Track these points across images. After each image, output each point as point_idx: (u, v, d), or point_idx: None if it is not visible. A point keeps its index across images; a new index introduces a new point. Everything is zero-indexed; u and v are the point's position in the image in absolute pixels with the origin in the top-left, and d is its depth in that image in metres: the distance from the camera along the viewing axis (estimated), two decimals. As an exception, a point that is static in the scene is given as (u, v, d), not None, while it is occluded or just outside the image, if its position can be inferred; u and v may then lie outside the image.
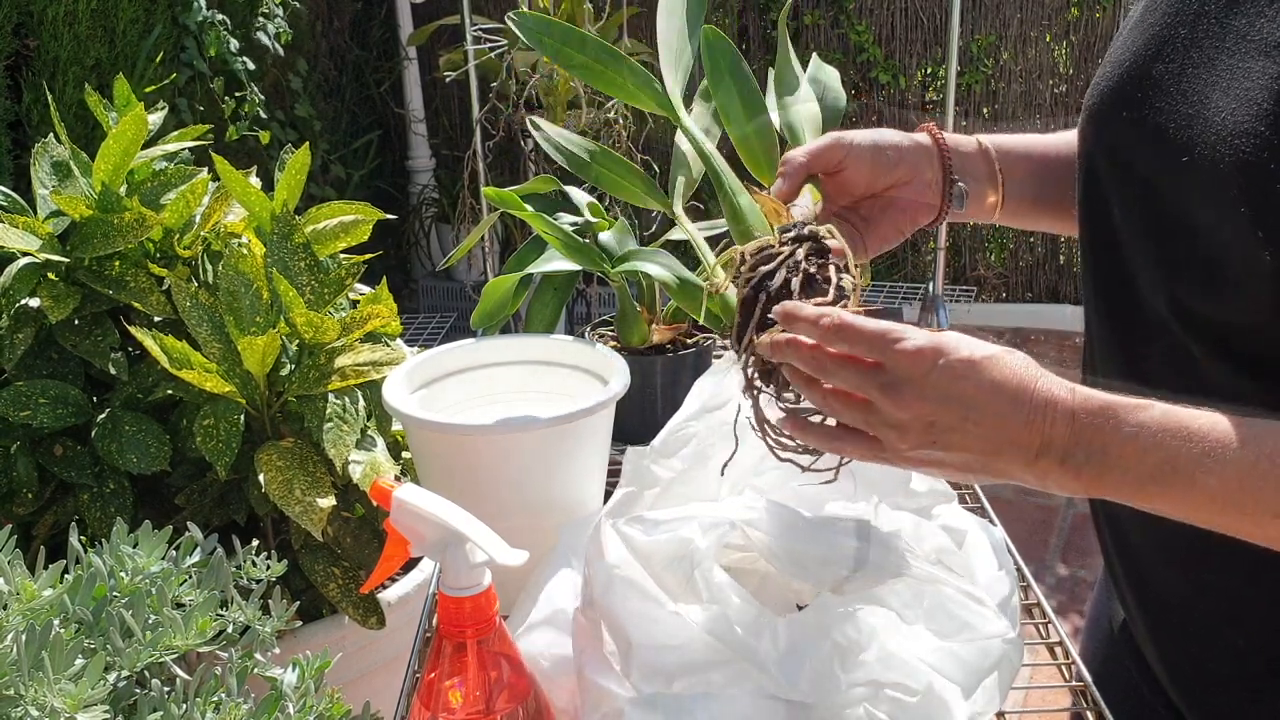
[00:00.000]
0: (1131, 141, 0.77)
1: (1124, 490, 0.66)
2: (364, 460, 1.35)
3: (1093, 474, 0.66)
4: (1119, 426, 0.65)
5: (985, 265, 4.26)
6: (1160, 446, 0.65)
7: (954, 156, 0.89)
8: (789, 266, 0.74)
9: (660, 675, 0.71)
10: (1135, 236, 0.77)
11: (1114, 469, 0.65)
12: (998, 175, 0.91)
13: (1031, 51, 3.99)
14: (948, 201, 0.88)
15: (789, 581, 0.81)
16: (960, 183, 0.88)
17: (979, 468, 0.68)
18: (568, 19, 2.91)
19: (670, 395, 1.17)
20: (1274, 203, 0.65)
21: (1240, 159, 0.66)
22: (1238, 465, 0.64)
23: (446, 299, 4.22)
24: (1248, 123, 0.66)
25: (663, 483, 0.88)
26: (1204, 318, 0.72)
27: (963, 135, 0.92)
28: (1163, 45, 0.75)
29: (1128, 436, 0.65)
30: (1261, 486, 0.63)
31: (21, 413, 1.29)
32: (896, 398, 0.66)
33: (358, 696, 0.92)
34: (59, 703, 0.67)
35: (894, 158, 0.87)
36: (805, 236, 0.76)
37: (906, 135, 0.88)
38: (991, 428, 0.66)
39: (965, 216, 0.92)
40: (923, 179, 0.88)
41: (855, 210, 0.89)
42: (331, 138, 3.82)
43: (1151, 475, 0.65)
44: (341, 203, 1.51)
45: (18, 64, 2.44)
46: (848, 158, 0.86)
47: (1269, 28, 0.67)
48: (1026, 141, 0.95)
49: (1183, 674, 0.86)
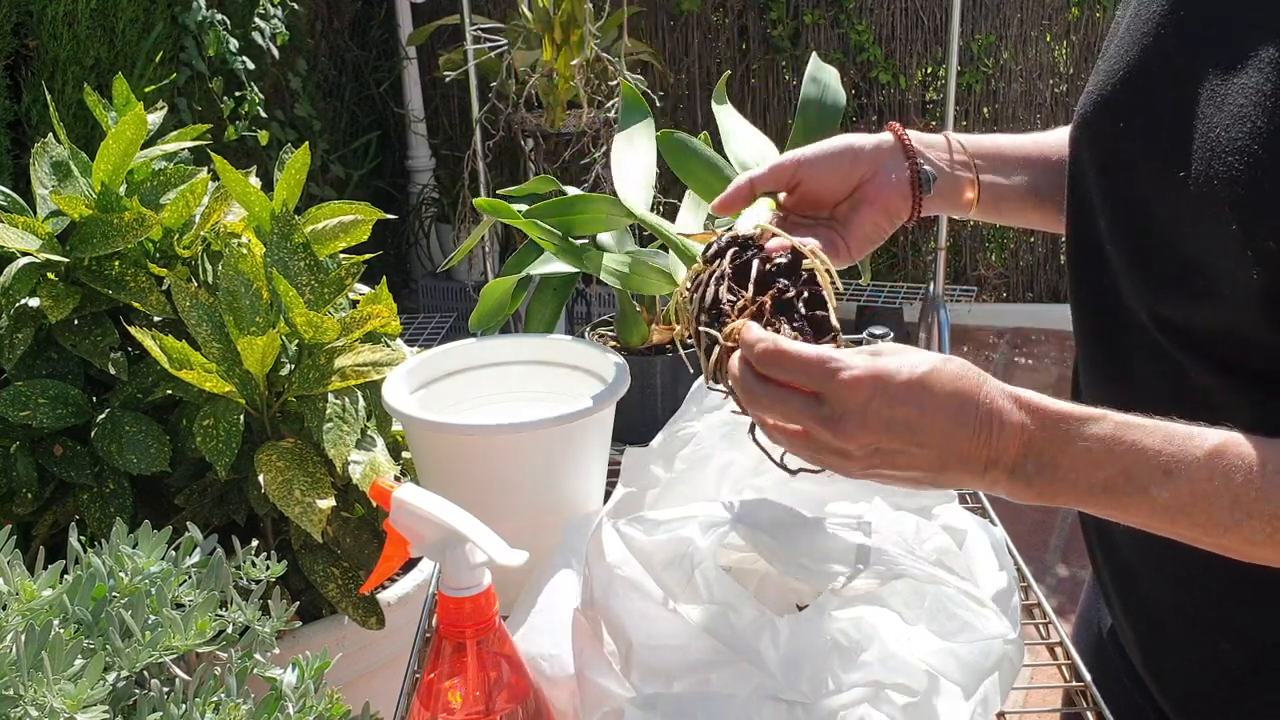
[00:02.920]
0: (1122, 152, 0.77)
1: (1075, 500, 0.67)
2: (364, 460, 1.34)
3: (1044, 484, 0.66)
4: (1071, 440, 0.66)
5: (985, 265, 4.26)
6: (1114, 460, 0.65)
7: (920, 148, 0.89)
8: (715, 280, 0.74)
9: (660, 675, 0.71)
10: (1119, 247, 0.77)
11: (1065, 481, 0.66)
12: (972, 166, 0.91)
13: (1032, 51, 3.99)
14: (918, 189, 0.88)
15: (789, 581, 0.80)
16: (926, 167, 0.88)
17: (929, 482, 0.68)
18: (568, 18, 2.91)
19: (670, 395, 1.17)
20: (1266, 220, 0.64)
21: (1232, 175, 0.66)
22: (1190, 480, 0.65)
23: (446, 299, 4.22)
24: (1240, 139, 0.66)
25: (663, 483, 0.88)
26: (1185, 328, 0.73)
27: (932, 134, 0.92)
28: (1156, 56, 0.75)
29: (1080, 451, 0.65)
30: (1213, 501, 0.64)
31: (21, 413, 1.29)
32: (838, 429, 0.65)
33: (357, 696, 0.92)
34: (59, 703, 0.67)
35: (851, 159, 0.87)
36: (725, 246, 0.75)
37: (866, 136, 0.89)
38: (938, 447, 0.66)
39: (946, 209, 0.92)
40: (886, 171, 0.88)
41: (831, 216, 0.89)
42: (331, 137, 3.82)
43: (1104, 487, 0.66)
44: (341, 202, 1.51)
45: (17, 64, 2.44)
46: (799, 170, 0.86)
47: (1263, 42, 0.67)
48: (1000, 139, 0.95)
49: (1169, 679, 0.86)
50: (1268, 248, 0.64)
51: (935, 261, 3.32)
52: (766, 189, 0.86)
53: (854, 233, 0.88)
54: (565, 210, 1.10)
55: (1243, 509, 0.64)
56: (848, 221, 0.88)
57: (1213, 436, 0.65)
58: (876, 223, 0.88)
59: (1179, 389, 0.74)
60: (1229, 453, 0.65)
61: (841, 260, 0.87)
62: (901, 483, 0.69)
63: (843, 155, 0.87)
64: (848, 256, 0.88)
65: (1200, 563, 0.69)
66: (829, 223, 0.89)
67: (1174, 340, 0.73)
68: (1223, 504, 0.64)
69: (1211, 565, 0.68)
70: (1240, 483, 0.64)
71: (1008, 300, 4.26)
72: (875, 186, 0.87)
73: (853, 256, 0.88)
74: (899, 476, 0.68)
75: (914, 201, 0.88)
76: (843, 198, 0.88)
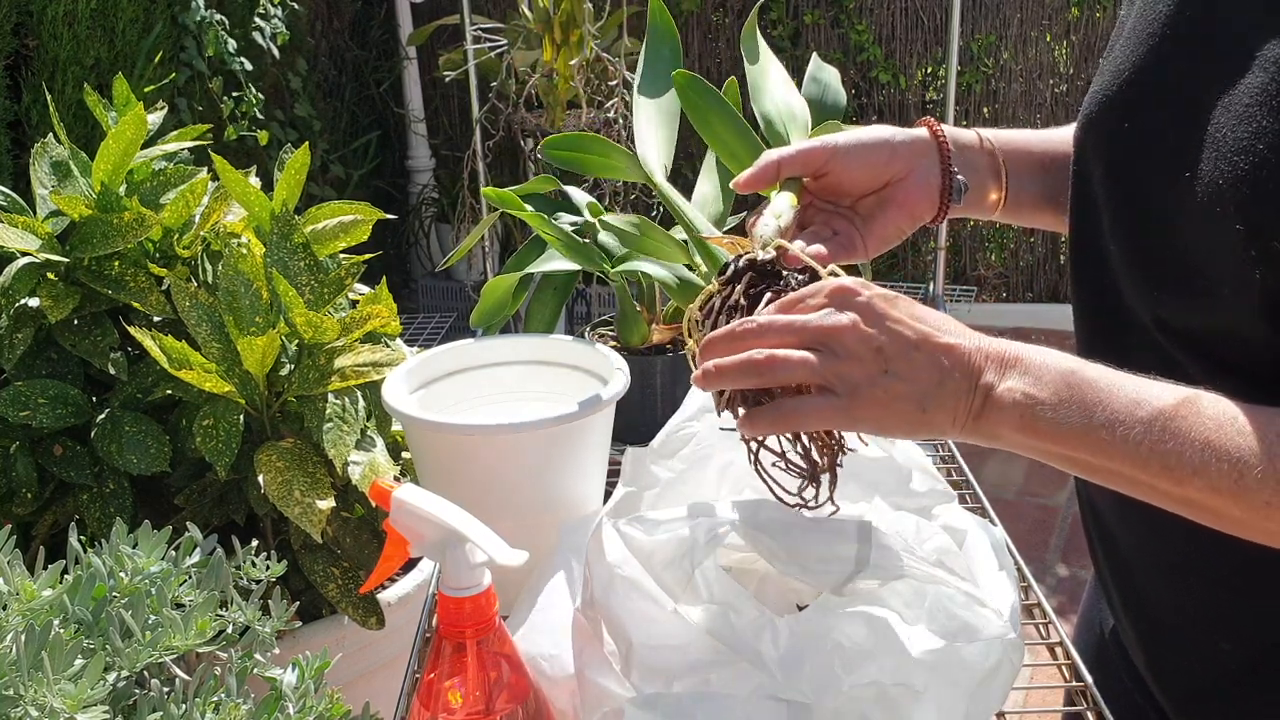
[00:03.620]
0: (1127, 152, 0.77)
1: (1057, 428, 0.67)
2: (363, 461, 1.34)
3: (1026, 391, 0.67)
4: (1046, 360, 0.69)
5: (985, 265, 4.26)
6: (1095, 392, 0.67)
7: (954, 150, 0.88)
8: (727, 310, 0.73)
9: (660, 675, 0.71)
10: (1122, 246, 0.77)
11: (1043, 387, 0.67)
12: (1001, 170, 0.90)
13: (1032, 51, 3.99)
14: (948, 196, 0.87)
15: (789, 581, 0.80)
16: (960, 176, 0.87)
17: (929, 402, 0.68)
18: (568, 18, 2.91)
19: (670, 395, 1.17)
20: (1271, 222, 0.64)
21: (1238, 175, 0.66)
22: (1160, 413, 0.66)
23: (446, 299, 4.22)
24: (1246, 139, 0.66)
25: (662, 483, 0.88)
26: (1185, 328, 0.73)
27: (963, 129, 0.90)
28: (1162, 55, 0.75)
29: (1063, 374, 0.68)
30: (1182, 440, 0.65)
31: (21, 413, 1.29)
32: (837, 322, 0.68)
33: (357, 696, 0.92)
34: (59, 703, 0.67)
35: (887, 155, 0.85)
36: (742, 270, 0.74)
37: (902, 130, 0.87)
38: (936, 346, 0.68)
39: (967, 212, 0.91)
40: (920, 174, 0.86)
41: (854, 209, 0.87)
42: (331, 137, 3.82)
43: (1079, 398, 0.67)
44: (341, 202, 1.51)
45: (17, 64, 2.44)
46: (832, 160, 0.84)
47: (1269, 43, 0.67)
48: (1026, 137, 0.94)
49: (1170, 678, 0.86)
50: (1272, 248, 0.64)
51: (935, 261, 3.32)
52: (793, 173, 0.84)
53: (875, 232, 0.86)
54: (581, 147, 1.08)
55: (1212, 450, 0.64)
56: (871, 219, 0.86)
57: (1186, 390, 0.67)
58: (900, 226, 0.87)
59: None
60: (1205, 398, 0.66)
61: (856, 258, 0.86)
62: (901, 411, 0.68)
63: (879, 150, 0.85)
64: (863, 255, 0.86)
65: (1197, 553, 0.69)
66: (850, 215, 0.87)
67: (1174, 341, 0.73)
68: (1192, 441, 0.65)
69: (1208, 556, 0.68)
70: (1212, 424, 0.65)
71: (1008, 300, 4.26)
72: (905, 190, 0.86)
73: (868, 255, 0.86)
74: (902, 393, 0.67)
75: (941, 208, 0.87)
76: (869, 192, 0.87)
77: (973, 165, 0.89)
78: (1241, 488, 0.63)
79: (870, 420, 0.68)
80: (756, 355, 0.68)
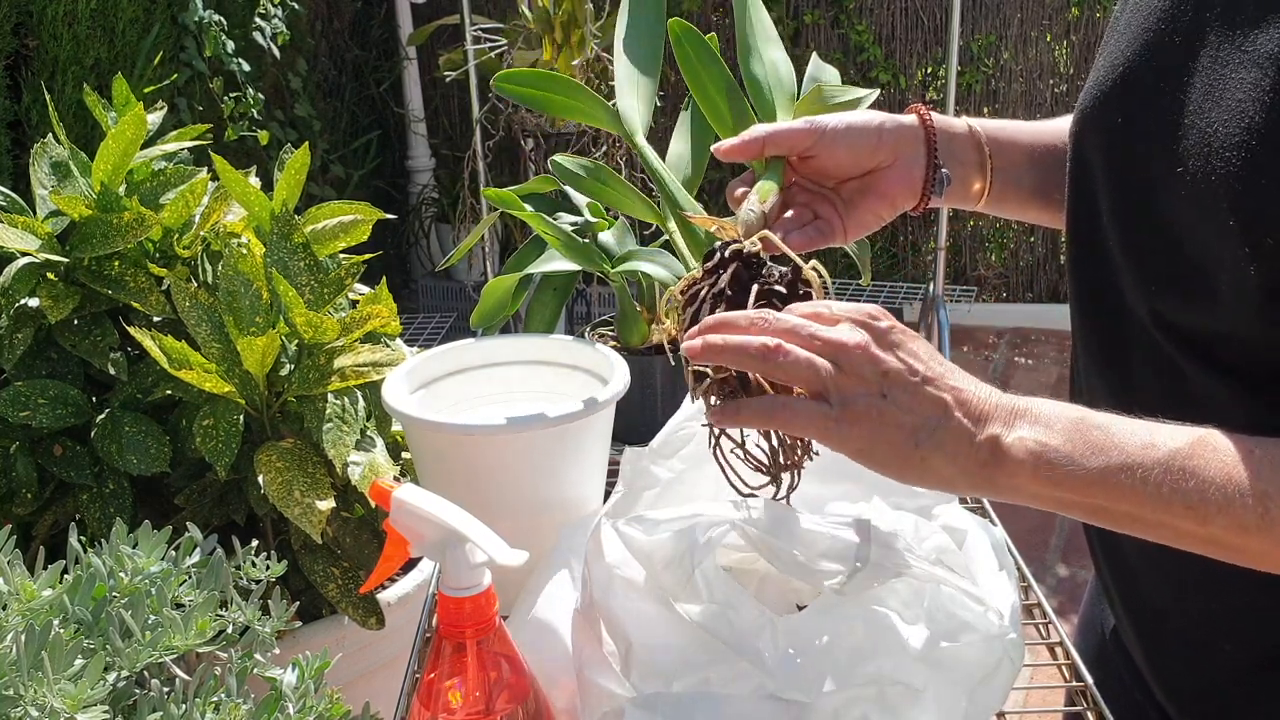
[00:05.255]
0: (1122, 147, 0.77)
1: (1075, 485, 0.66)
2: (363, 461, 1.34)
3: (1039, 439, 0.65)
4: (1055, 410, 0.67)
5: (985, 265, 4.26)
6: (1105, 435, 0.66)
7: (941, 139, 0.87)
8: (713, 298, 0.73)
9: (660, 675, 0.71)
10: (1119, 243, 0.77)
11: (1055, 431, 0.66)
12: (987, 162, 0.90)
13: (1032, 51, 3.99)
14: (930, 187, 0.87)
15: (789, 581, 0.80)
16: (944, 169, 0.87)
17: (924, 438, 0.65)
18: (568, 18, 2.91)
19: (670, 395, 1.17)
20: (1264, 218, 0.64)
21: (1230, 171, 0.66)
22: (1176, 454, 0.65)
23: (446, 299, 4.22)
24: (1238, 135, 0.66)
25: (662, 483, 0.88)
26: (1184, 328, 0.73)
27: (954, 118, 0.90)
28: (1157, 51, 0.75)
29: (1073, 422, 0.67)
30: (1203, 478, 0.64)
31: (21, 413, 1.29)
32: (851, 339, 0.66)
33: (358, 696, 0.92)
34: (59, 703, 0.67)
35: (874, 142, 0.85)
36: (728, 260, 0.75)
37: (892, 118, 0.87)
38: (941, 386, 0.66)
39: (949, 203, 0.91)
40: (904, 164, 0.86)
41: (837, 192, 0.87)
42: (331, 137, 3.82)
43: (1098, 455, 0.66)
44: (341, 202, 1.51)
45: (17, 64, 2.44)
46: (819, 144, 0.84)
47: (1262, 39, 0.67)
48: (1017, 128, 0.93)
49: (1171, 679, 0.86)
50: (1266, 245, 0.64)
51: (935, 261, 3.31)
52: (779, 152, 0.85)
53: (855, 217, 0.86)
54: (541, 85, 1.00)
55: (1234, 485, 0.63)
56: (852, 204, 0.87)
57: (1196, 430, 0.66)
58: (879, 213, 0.87)
59: (1176, 388, 0.74)
60: (1215, 435, 0.65)
61: (836, 241, 0.86)
62: (892, 438, 0.66)
63: (866, 136, 0.85)
64: (843, 238, 0.86)
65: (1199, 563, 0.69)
66: (832, 198, 0.87)
67: (1172, 338, 0.73)
68: (1212, 479, 0.64)
69: (1210, 565, 0.68)
70: (1230, 460, 0.64)
71: (1007, 300, 4.26)
72: (888, 178, 0.86)
73: (847, 239, 0.87)
74: (898, 421, 0.65)
75: (923, 198, 0.87)
76: (853, 177, 0.87)
77: (958, 155, 0.89)
78: (1268, 521, 0.63)
79: (857, 440, 0.66)
80: (769, 341, 0.67)
